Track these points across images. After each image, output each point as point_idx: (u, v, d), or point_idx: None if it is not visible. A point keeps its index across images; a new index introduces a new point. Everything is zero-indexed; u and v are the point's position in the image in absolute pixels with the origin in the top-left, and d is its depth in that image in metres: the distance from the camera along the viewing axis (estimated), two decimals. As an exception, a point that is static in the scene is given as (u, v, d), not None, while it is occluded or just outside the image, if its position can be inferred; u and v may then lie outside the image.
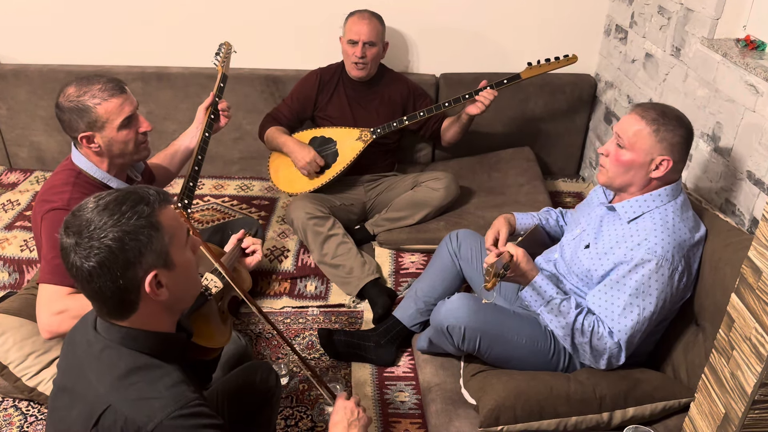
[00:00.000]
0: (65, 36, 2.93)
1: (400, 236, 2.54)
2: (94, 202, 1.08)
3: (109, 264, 1.04)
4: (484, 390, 1.67)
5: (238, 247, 1.83)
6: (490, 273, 1.54)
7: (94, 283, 1.05)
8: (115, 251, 1.04)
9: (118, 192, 1.10)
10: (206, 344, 1.37)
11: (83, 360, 1.12)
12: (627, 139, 1.67)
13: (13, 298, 2.04)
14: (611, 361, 1.68)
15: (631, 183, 1.70)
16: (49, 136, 3.03)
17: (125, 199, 1.08)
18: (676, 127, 1.65)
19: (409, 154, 3.03)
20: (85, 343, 1.14)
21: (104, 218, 1.05)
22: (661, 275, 1.61)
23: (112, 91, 1.74)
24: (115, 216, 1.05)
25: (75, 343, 1.17)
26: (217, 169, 3.09)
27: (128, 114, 1.76)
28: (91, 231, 1.04)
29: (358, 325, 2.33)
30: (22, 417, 1.94)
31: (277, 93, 2.91)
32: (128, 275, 1.06)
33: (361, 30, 2.52)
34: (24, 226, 2.58)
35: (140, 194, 1.09)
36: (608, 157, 1.72)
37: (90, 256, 1.04)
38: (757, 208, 1.86)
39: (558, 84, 2.97)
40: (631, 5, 2.68)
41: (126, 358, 1.08)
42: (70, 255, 1.06)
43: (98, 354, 1.10)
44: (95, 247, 1.03)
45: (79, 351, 1.15)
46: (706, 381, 1.42)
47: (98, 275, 1.04)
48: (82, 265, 1.04)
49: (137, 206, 1.07)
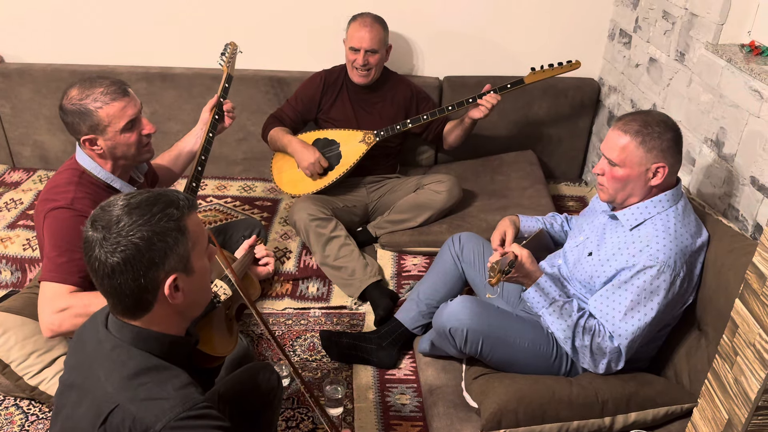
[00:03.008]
0: (69, 36, 2.93)
1: (403, 238, 2.54)
2: (125, 200, 1.10)
3: (134, 262, 1.06)
4: (486, 393, 1.67)
5: (250, 254, 1.80)
6: (494, 269, 1.57)
7: (115, 279, 1.07)
8: (142, 250, 1.06)
9: (149, 193, 1.12)
10: (211, 352, 1.36)
11: (93, 357, 1.13)
12: (616, 156, 1.67)
13: (15, 297, 2.04)
14: (610, 365, 1.68)
15: (631, 194, 1.71)
16: (52, 136, 3.03)
17: (157, 200, 1.10)
18: (662, 132, 1.64)
19: (411, 156, 3.03)
20: (95, 341, 1.14)
21: (135, 217, 1.07)
22: (663, 281, 1.61)
23: (114, 95, 1.72)
24: (146, 216, 1.07)
25: (84, 340, 1.18)
26: (220, 170, 3.09)
27: (131, 117, 1.75)
28: (120, 227, 1.06)
29: (360, 327, 2.32)
30: (24, 416, 1.94)
31: (282, 94, 2.91)
32: (150, 275, 1.08)
33: (363, 37, 2.51)
34: (27, 225, 2.58)
35: (171, 198, 1.12)
36: (604, 175, 1.72)
37: (116, 251, 1.05)
38: (760, 213, 1.86)
39: (561, 88, 2.97)
40: (636, 10, 2.68)
41: (136, 359, 1.09)
42: (94, 249, 1.07)
43: (108, 352, 1.11)
44: (122, 243, 1.05)
45: (89, 348, 1.15)
46: (710, 386, 1.41)
47: (121, 272, 1.06)
48: (107, 260, 1.06)
49: (168, 209, 1.09)
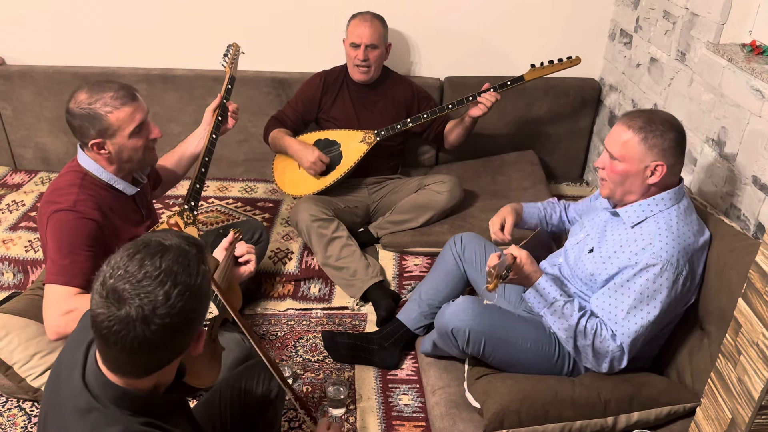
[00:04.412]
0: (71, 37, 2.93)
1: (404, 239, 2.54)
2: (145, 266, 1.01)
3: (180, 332, 1.03)
4: (488, 393, 1.67)
5: (231, 256, 1.64)
6: (492, 275, 1.53)
7: (155, 353, 1.02)
8: (189, 318, 1.04)
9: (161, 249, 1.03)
10: (197, 385, 1.26)
11: (68, 409, 1.05)
12: (617, 151, 1.67)
13: (18, 299, 2.04)
14: (613, 364, 1.68)
15: (630, 191, 1.71)
16: (54, 137, 3.04)
17: (177, 257, 1.03)
18: (665, 131, 1.64)
19: (413, 156, 3.03)
20: (71, 392, 1.06)
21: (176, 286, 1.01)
22: (665, 279, 1.61)
23: (123, 99, 1.73)
24: (182, 280, 1.02)
25: (61, 378, 1.11)
26: (221, 171, 3.09)
27: (139, 122, 1.76)
28: (162, 300, 1.00)
29: (362, 327, 2.32)
30: (26, 417, 1.94)
31: (283, 95, 2.92)
32: (190, 340, 1.07)
33: (363, 33, 2.52)
34: (29, 226, 2.58)
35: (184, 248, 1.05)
36: (604, 169, 1.72)
37: (165, 324, 1.01)
38: (762, 213, 1.86)
39: (562, 88, 2.97)
40: (636, 10, 2.68)
41: (115, 425, 1.01)
42: (134, 328, 0.98)
43: (84, 413, 1.03)
44: (170, 315, 1.01)
45: (64, 393, 1.08)
46: (713, 386, 1.42)
47: (165, 344, 1.02)
48: (150, 337, 0.99)
49: (199, 265, 1.05)
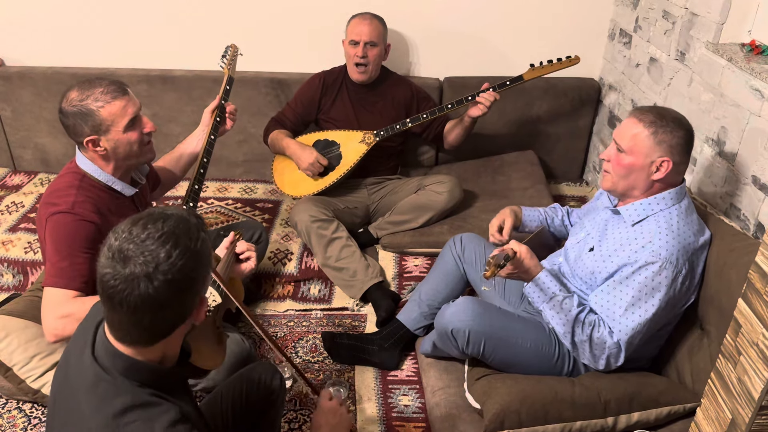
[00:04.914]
0: (70, 38, 2.93)
1: (404, 239, 2.54)
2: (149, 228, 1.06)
3: (183, 291, 1.07)
4: (488, 394, 1.67)
5: (232, 253, 1.72)
6: (490, 263, 1.58)
7: (158, 313, 1.05)
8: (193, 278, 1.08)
9: (163, 214, 1.08)
10: (202, 365, 1.32)
11: (77, 387, 1.09)
12: (626, 143, 1.68)
13: (17, 300, 2.04)
14: (610, 361, 1.68)
15: (633, 186, 1.71)
16: (53, 138, 3.04)
17: (176, 224, 1.08)
18: (675, 128, 1.65)
19: (412, 157, 3.03)
20: (80, 369, 1.10)
21: (177, 247, 1.06)
22: (664, 278, 1.61)
23: (114, 93, 1.72)
24: (182, 243, 1.06)
25: (69, 363, 1.14)
26: (221, 172, 3.09)
27: (132, 115, 1.75)
28: (163, 258, 1.04)
29: (362, 328, 2.32)
30: (26, 419, 1.93)
31: (282, 96, 2.92)
32: (193, 303, 1.10)
33: (363, 30, 2.53)
34: (28, 228, 2.58)
35: (185, 216, 1.10)
36: (610, 162, 1.72)
37: (168, 282, 1.05)
38: (762, 212, 1.86)
39: (562, 88, 2.97)
40: (636, 10, 2.68)
41: (124, 395, 1.05)
42: (138, 285, 1.02)
43: (93, 386, 1.06)
44: (171, 272, 1.05)
45: (73, 374, 1.11)
46: (713, 386, 1.41)
47: (169, 304, 1.06)
48: (153, 294, 1.03)
49: (198, 232, 1.09)
